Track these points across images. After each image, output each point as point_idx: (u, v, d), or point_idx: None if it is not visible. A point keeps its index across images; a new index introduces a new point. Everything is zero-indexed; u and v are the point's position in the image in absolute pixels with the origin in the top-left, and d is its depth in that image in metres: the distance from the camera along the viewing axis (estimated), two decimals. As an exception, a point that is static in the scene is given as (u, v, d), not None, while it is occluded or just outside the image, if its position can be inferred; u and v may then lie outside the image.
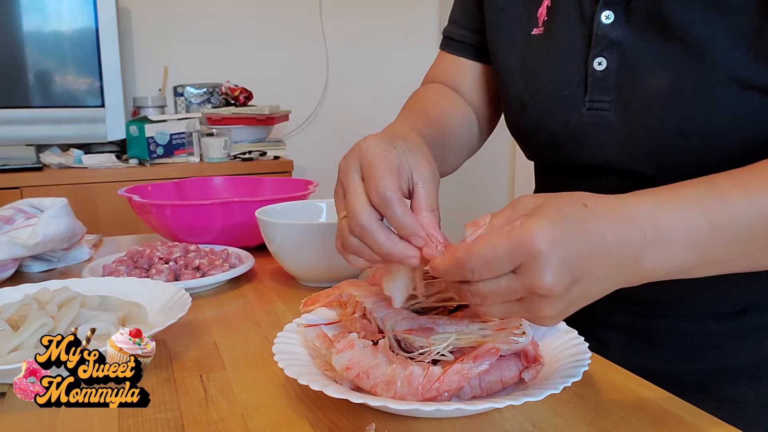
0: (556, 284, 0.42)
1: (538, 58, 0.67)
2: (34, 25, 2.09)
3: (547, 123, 0.67)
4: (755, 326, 0.64)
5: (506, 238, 0.42)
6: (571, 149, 0.66)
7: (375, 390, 0.47)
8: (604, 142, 0.63)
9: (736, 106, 0.55)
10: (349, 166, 0.51)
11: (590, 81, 0.62)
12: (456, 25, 0.81)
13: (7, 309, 0.62)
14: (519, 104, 0.70)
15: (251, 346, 0.63)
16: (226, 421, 0.48)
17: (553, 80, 0.65)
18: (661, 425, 0.47)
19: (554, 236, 0.41)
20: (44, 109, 2.11)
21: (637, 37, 0.59)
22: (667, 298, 0.65)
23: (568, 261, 0.42)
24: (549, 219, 0.42)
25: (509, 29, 0.70)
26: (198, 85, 2.49)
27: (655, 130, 0.59)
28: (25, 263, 0.89)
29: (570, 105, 0.64)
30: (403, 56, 2.82)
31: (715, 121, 0.56)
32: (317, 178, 1.19)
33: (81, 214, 0.94)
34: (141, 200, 0.96)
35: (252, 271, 0.87)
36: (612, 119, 0.62)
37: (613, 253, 0.44)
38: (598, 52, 0.61)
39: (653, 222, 0.44)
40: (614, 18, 0.60)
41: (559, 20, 0.65)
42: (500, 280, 0.43)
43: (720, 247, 0.46)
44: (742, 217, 0.46)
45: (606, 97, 0.62)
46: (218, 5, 2.55)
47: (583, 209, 0.44)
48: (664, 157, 0.60)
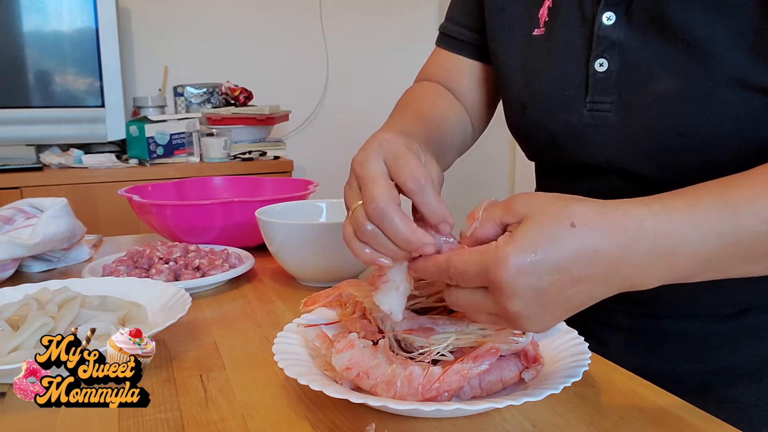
0: (525, 310, 0.42)
1: (538, 59, 0.67)
2: (34, 25, 2.09)
3: (547, 123, 0.67)
4: (756, 326, 0.64)
5: (478, 258, 0.43)
6: (571, 150, 0.66)
7: (375, 390, 0.47)
8: (604, 143, 0.63)
9: (736, 107, 0.55)
10: (368, 156, 0.50)
11: (591, 82, 0.62)
12: (453, 23, 0.80)
13: (7, 309, 0.62)
14: (519, 104, 0.70)
15: (251, 346, 0.63)
16: (226, 421, 0.48)
17: (554, 81, 0.65)
18: (661, 425, 0.47)
19: (523, 267, 0.41)
20: (44, 109, 2.11)
21: (638, 38, 0.59)
22: (668, 298, 0.65)
23: (538, 290, 0.42)
24: (522, 245, 0.41)
25: (510, 29, 0.70)
26: (198, 85, 2.49)
27: (656, 131, 0.59)
28: (25, 263, 0.89)
29: (570, 106, 0.64)
30: (403, 56, 2.82)
31: (716, 121, 0.56)
32: (317, 178, 1.19)
33: (81, 214, 0.94)
34: (141, 200, 0.96)
35: (252, 271, 0.87)
36: (613, 120, 0.61)
37: (607, 273, 0.43)
38: (600, 53, 0.61)
39: (658, 240, 0.43)
40: (615, 19, 0.60)
41: (561, 21, 0.65)
42: (474, 293, 0.44)
43: (725, 260, 0.46)
44: (753, 233, 0.44)
45: (607, 98, 0.62)
46: (218, 5, 2.55)
47: (568, 231, 0.42)
48: (664, 158, 0.59)
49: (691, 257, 0.44)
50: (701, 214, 0.44)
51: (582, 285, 0.43)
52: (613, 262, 0.42)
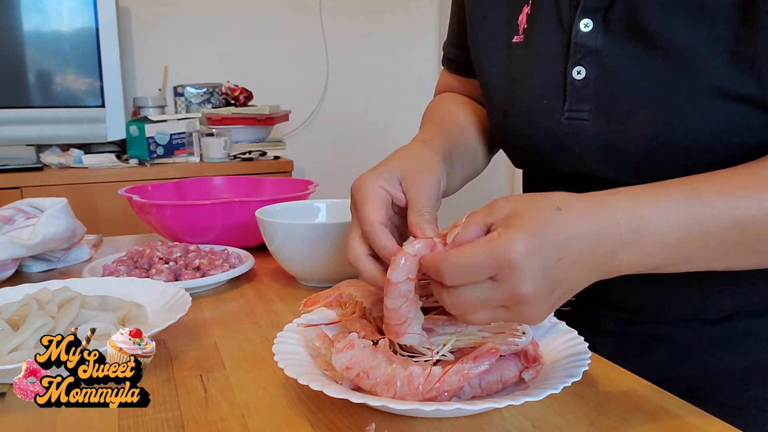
0: (536, 291, 0.43)
1: (518, 66, 0.66)
2: (34, 25, 2.09)
3: (527, 132, 0.66)
4: (742, 331, 0.63)
5: (484, 248, 0.43)
6: (552, 158, 0.65)
7: (375, 390, 0.47)
8: (583, 152, 0.62)
9: (717, 116, 0.54)
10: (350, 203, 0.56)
11: (569, 90, 0.61)
12: (450, 43, 0.82)
13: (7, 309, 0.62)
14: (501, 112, 0.69)
15: (251, 346, 0.63)
16: (226, 421, 0.48)
17: (533, 89, 0.64)
18: (660, 425, 0.47)
19: (531, 247, 0.43)
20: (44, 109, 2.11)
21: (617, 46, 0.58)
22: (655, 304, 0.65)
23: (547, 269, 0.43)
24: (525, 230, 0.43)
25: (492, 37, 0.70)
26: (198, 85, 2.49)
27: (635, 141, 0.58)
28: (25, 263, 0.89)
29: (549, 114, 0.63)
30: (403, 56, 2.82)
31: (697, 131, 0.55)
32: (317, 178, 1.19)
33: (81, 214, 0.94)
34: (141, 200, 0.96)
35: (252, 271, 0.87)
36: (591, 129, 0.60)
37: (588, 255, 0.45)
38: (577, 60, 0.60)
39: (629, 223, 0.46)
40: (593, 26, 0.59)
41: (539, 27, 0.64)
42: (480, 287, 0.44)
43: (696, 250, 0.48)
44: (721, 224, 0.47)
45: (585, 107, 0.60)
46: (218, 5, 2.55)
47: (557, 214, 0.45)
48: (645, 168, 0.58)
49: (660, 245, 0.46)
50: (669, 202, 0.47)
51: (576, 267, 0.45)
52: (592, 245, 0.45)
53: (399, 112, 2.78)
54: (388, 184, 0.55)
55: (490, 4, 0.70)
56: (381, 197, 0.54)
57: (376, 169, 0.57)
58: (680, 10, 0.53)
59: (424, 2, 2.81)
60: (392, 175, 0.56)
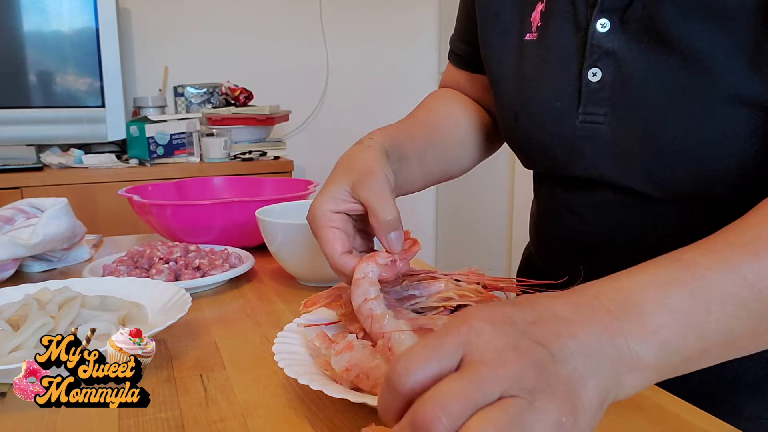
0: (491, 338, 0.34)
1: (531, 66, 0.65)
2: (34, 25, 2.09)
3: (539, 134, 0.65)
4: None
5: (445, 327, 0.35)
6: (564, 162, 0.64)
7: (375, 391, 0.47)
8: (597, 156, 0.60)
9: (736, 125, 0.52)
10: None
11: (584, 92, 0.60)
12: (458, 37, 0.81)
13: (8, 309, 0.62)
14: (512, 114, 0.68)
15: (251, 346, 0.63)
16: (226, 421, 0.48)
17: (546, 90, 0.63)
18: (660, 424, 0.47)
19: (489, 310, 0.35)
20: (44, 109, 2.11)
21: (634, 48, 0.56)
22: None
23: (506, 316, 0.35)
24: None
25: (503, 34, 0.68)
26: (198, 85, 2.49)
27: (650, 147, 0.56)
28: (25, 263, 0.89)
29: (563, 117, 0.62)
30: (403, 56, 2.82)
31: (714, 139, 0.53)
32: (317, 178, 1.19)
33: (81, 214, 0.94)
34: (141, 200, 0.96)
35: (252, 271, 0.88)
36: (605, 133, 0.59)
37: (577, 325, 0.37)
38: (593, 62, 0.59)
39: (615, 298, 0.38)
40: (610, 26, 0.57)
41: (553, 26, 0.62)
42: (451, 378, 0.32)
43: None
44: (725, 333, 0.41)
45: (600, 110, 0.59)
46: (218, 5, 2.55)
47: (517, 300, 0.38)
48: (659, 174, 0.57)
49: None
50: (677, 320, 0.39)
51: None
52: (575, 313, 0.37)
53: (399, 112, 2.76)
54: (339, 203, 0.56)
55: (501, 0, 0.68)
56: (336, 224, 0.55)
57: (324, 189, 0.57)
58: (700, 15, 0.51)
59: (424, 2, 2.81)
60: (341, 190, 0.56)
